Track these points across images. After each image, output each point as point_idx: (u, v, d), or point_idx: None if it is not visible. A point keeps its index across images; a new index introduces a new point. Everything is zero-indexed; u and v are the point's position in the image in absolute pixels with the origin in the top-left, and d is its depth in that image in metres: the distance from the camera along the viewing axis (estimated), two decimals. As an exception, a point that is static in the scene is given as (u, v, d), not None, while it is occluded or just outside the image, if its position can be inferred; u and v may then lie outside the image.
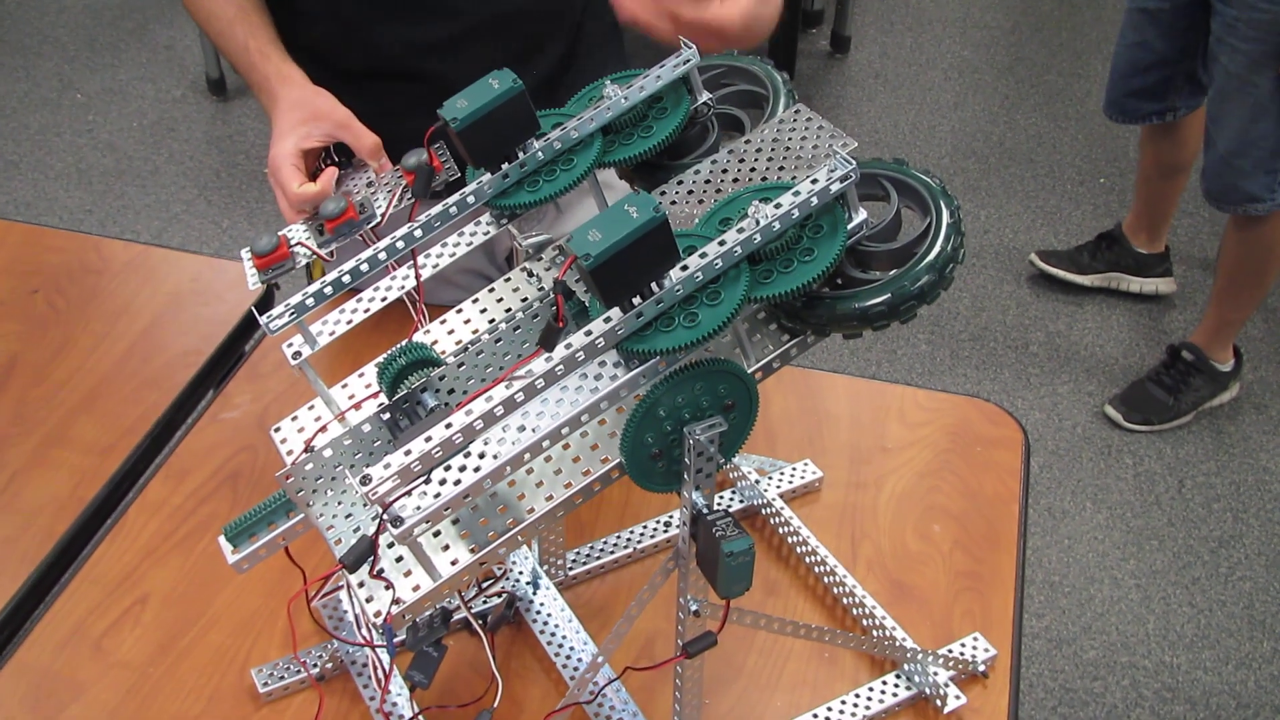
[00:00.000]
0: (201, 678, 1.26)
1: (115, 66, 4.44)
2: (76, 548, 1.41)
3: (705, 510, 0.96)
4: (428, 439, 0.85)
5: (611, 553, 1.36)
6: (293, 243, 1.17)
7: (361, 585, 0.94)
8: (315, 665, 1.24)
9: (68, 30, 4.63)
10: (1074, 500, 2.95)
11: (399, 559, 0.95)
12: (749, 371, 0.96)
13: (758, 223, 0.90)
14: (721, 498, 1.43)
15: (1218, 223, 3.62)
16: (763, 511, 1.42)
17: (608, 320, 0.88)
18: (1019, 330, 3.41)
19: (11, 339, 1.68)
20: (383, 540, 0.92)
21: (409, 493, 0.87)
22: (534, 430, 0.90)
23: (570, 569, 1.34)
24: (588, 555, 1.36)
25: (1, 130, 4.11)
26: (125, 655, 1.29)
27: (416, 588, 0.93)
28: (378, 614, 0.93)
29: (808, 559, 1.37)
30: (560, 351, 0.87)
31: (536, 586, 1.31)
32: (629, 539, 1.38)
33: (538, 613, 1.29)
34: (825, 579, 1.35)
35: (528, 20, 1.52)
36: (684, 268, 0.89)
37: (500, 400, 0.86)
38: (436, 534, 0.95)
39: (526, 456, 0.90)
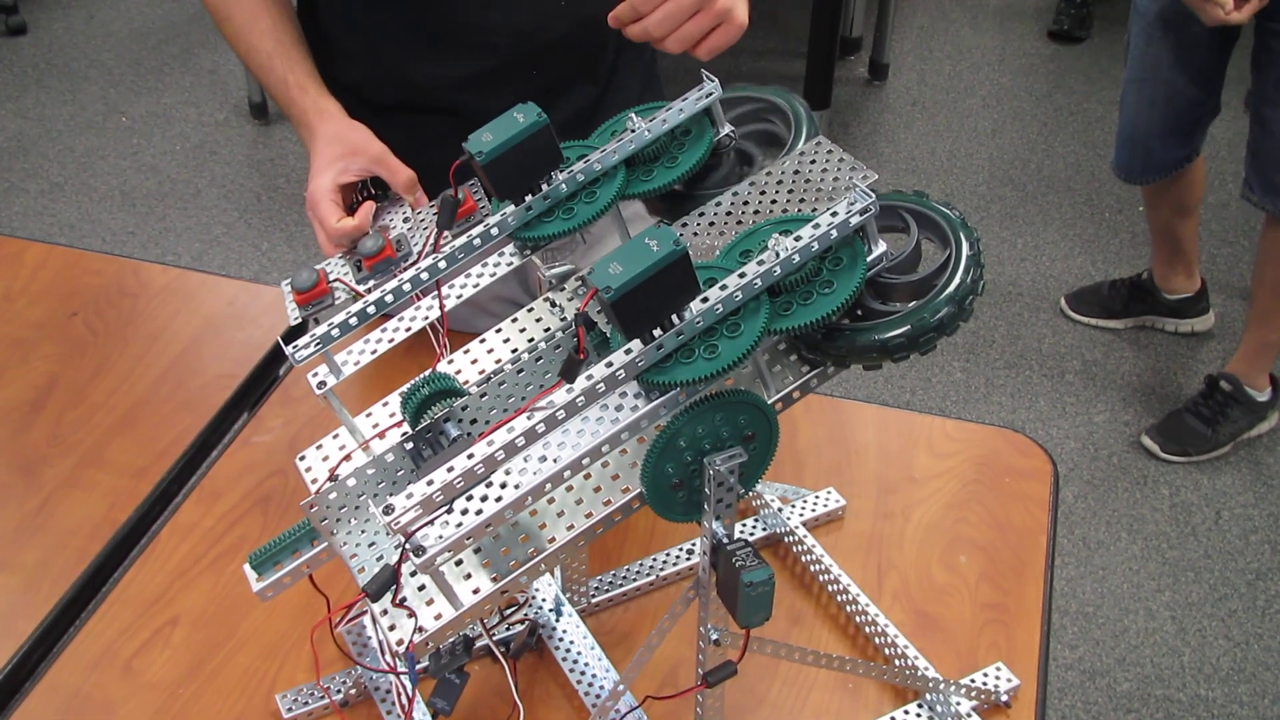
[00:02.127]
0: (229, 700, 1.28)
1: (159, 90, 4.50)
2: (109, 569, 1.43)
3: (725, 540, 0.97)
4: (450, 469, 0.86)
5: (634, 580, 1.37)
6: (331, 279, 1.19)
7: (384, 613, 0.95)
8: (339, 691, 1.25)
9: (113, 55, 4.70)
10: (1109, 531, 2.93)
11: (421, 587, 0.96)
12: (769, 402, 0.96)
13: (777, 255, 0.91)
14: (744, 525, 1.43)
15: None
16: (785, 540, 1.42)
17: (628, 352, 0.89)
18: (1055, 359, 3.39)
19: (51, 361, 1.71)
20: (405, 569, 0.93)
21: (431, 522, 0.88)
22: (555, 460, 0.90)
23: (593, 596, 1.35)
24: (610, 583, 1.37)
25: (47, 153, 4.18)
26: (155, 676, 1.30)
27: (439, 616, 0.94)
28: (400, 642, 0.94)
29: (830, 588, 1.37)
30: (581, 383, 0.88)
31: (559, 614, 1.31)
32: (651, 566, 1.38)
33: (560, 640, 1.30)
34: (848, 608, 1.35)
35: (561, 56, 1.53)
36: (704, 300, 0.89)
37: (521, 431, 0.87)
38: (459, 563, 0.96)
39: (548, 487, 0.90)
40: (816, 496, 1.46)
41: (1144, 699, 2.57)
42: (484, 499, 0.89)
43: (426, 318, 1.07)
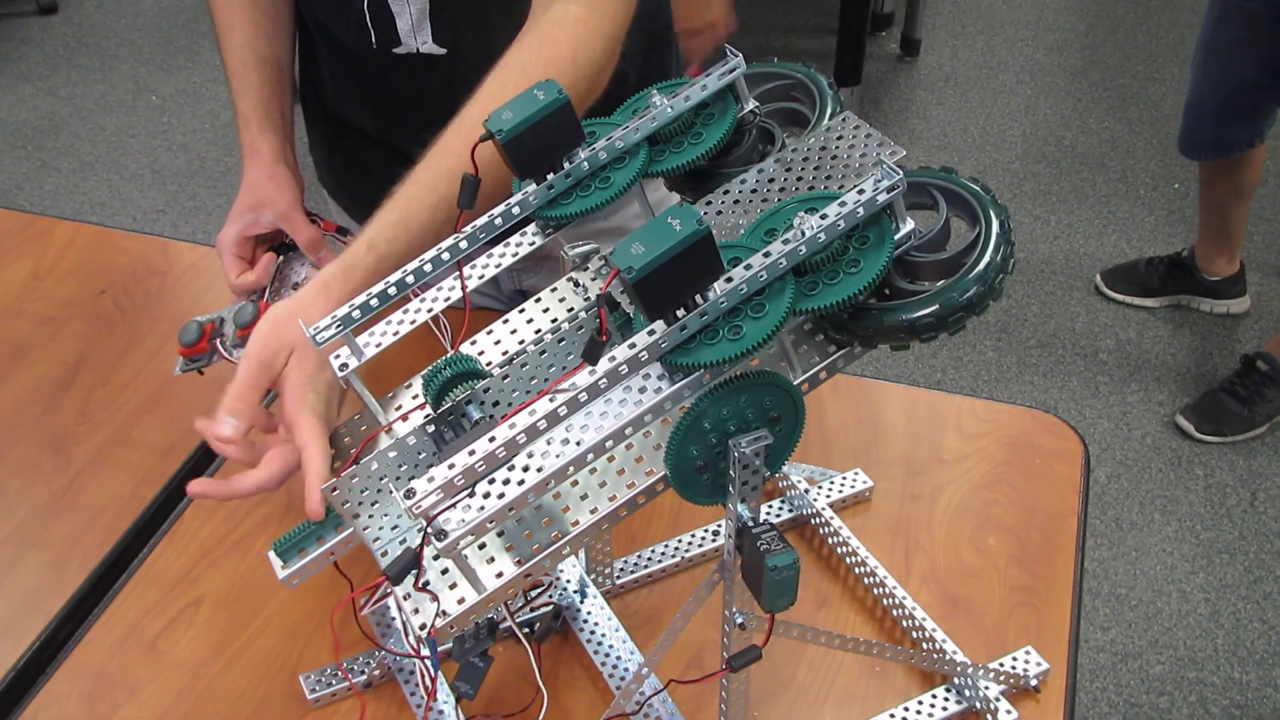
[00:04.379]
0: (252, 681, 1.28)
1: (189, 69, 4.51)
2: (136, 548, 1.43)
3: (750, 523, 0.96)
4: (471, 452, 0.85)
5: (659, 562, 1.36)
6: (213, 338, 1.29)
7: (407, 597, 0.95)
8: (362, 673, 1.25)
9: (144, 33, 4.71)
10: (1142, 512, 2.90)
11: (444, 571, 0.95)
12: (795, 383, 0.95)
13: (803, 234, 0.89)
14: (770, 507, 1.42)
15: (1295, 230, 3.56)
16: (812, 521, 1.41)
17: (651, 333, 0.87)
18: (1088, 338, 3.36)
19: (79, 339, 1.71)
20: (428, 552, 0.92)
21: (453, 505, 0.87)
22: (578, 443, 0.89)
23: (618, 578, 1.34)
24: (635, 564, 1.36)
25: (78, 131, 4.19)
26: (179, 656, 1.30)
27: (461, 600, 0.93)
28: (423, 625, 0.93)
29: (857, 570, 1.36)
30: (604, 365, 0.87)
31: (584, 595, 1.30)
32: (676, 548, 1.37)
33: (584, 622, 1.29)
34: (875, 591, 1.34)
35: None
36: (728, 280, 0.88)
37: (544, 414, 0.86)
38: (482, 546, 0.95)
39: (570, 469, 0.89)
40: (844, 478, 1.45)
41: (1176, 681, 2.55)
42: (506, 482, 0.88)
43: (448, 299, 1.06)
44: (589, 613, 1.30)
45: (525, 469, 0.89)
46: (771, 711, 1.24)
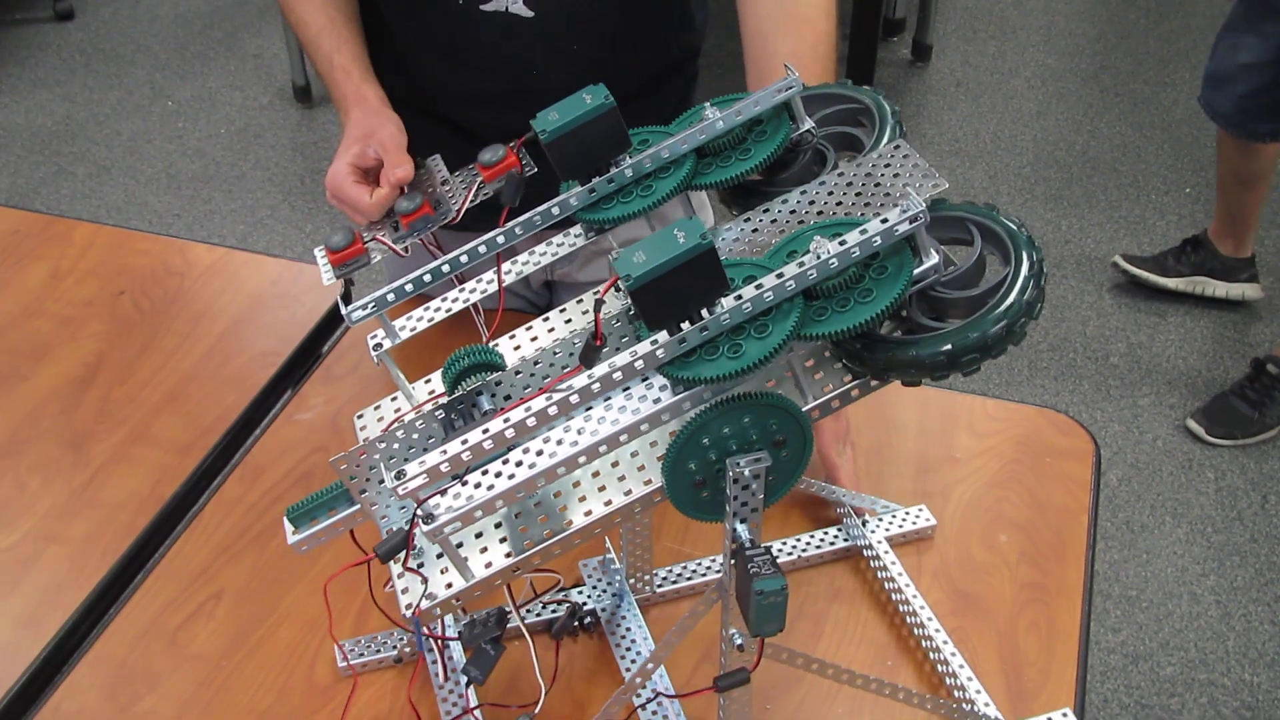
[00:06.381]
0: (272, 672, 1.29)
1: (205, 74, 4.54)
2: (156, 543, 1.45)
3: (747, 544, 0.95)
4: (464, 441, 0.87)
5: (703, 575, 1.37)
6: (367, 239, 1.19)
7: (400, 577, 0.97)
8: (394, 648, 1.27)
9: (159, 39, 4.74)
10: (1153, 514, 2.91)
11: (439, 556, 0.98)
12: (804, 409, 0.94)
13: (817, 258, 0.89)
14: (825, 533, 1.42)
15: (1307, 234, 3.56)
16: (865, 553, 1.40)
17: (653, 343, 0.88)
18: (1099, 341, 3.36)
19: (98, 339, 1.73)
20: (419, 535, 0.94)
21: (443, 492, 0.89)
22: (573, 444, 0.90)
23: (659, 586, 1.35)
24: (679, 575, 1.37)
25: (95, 136, 4.22)
26: (199, 649, 1.32)
27: (449, 585, 0.96)
28: (409, 606, 0.95)
29: (902, 608, 1.34)
30: (601, 369, 0.88)
31: (621, 600, 1.32)
32: (723, 564, 1.37)
33: (616, 626, 1.31)
34: (916, 631, 1.32)
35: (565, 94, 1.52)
36: (737, 297, 0.88)
37: (535, 412, 0.88)
38: (479, 535, 0.98)
39: (561, 470, 0.91)
40: (906, 513, 1.43)
41: (1187, 683, 2.56)
42: (498, 474, 0.90)
43: (485, 290, 1.08)
44: (622, 617, 1.31)
45: (518, 464, 0.90)
46: (784, 705, 1.26)
